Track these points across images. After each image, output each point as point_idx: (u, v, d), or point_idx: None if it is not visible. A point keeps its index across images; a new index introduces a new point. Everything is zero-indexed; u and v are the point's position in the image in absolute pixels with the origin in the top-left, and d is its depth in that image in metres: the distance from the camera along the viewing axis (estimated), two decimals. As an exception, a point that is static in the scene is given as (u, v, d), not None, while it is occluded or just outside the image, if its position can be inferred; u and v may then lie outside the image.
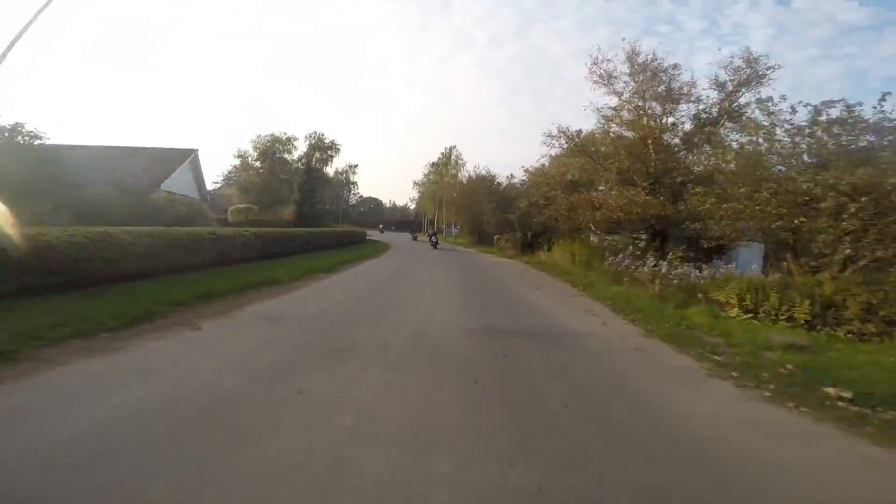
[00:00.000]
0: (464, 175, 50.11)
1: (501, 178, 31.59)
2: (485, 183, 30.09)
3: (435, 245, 30.83)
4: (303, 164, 35.26)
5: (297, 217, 29.06)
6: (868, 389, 4.17)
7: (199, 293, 6.72)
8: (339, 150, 56.36)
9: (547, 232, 22.67)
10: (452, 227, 58.68)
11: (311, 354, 4.51)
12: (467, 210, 43.13)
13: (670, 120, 16.90)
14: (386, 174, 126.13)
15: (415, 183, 67.98)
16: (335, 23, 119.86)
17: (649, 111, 16.61)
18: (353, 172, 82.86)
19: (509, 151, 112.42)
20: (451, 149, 57.79)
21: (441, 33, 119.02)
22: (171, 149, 25.92)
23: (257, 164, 51.69)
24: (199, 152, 27.27)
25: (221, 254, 11.31)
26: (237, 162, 51.88)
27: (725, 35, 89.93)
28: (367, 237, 36.19)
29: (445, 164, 57.47)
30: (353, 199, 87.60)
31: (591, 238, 21.98)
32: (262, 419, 2.89)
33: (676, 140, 16.97)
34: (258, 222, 29.65)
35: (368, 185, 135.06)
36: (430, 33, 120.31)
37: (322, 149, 55.42)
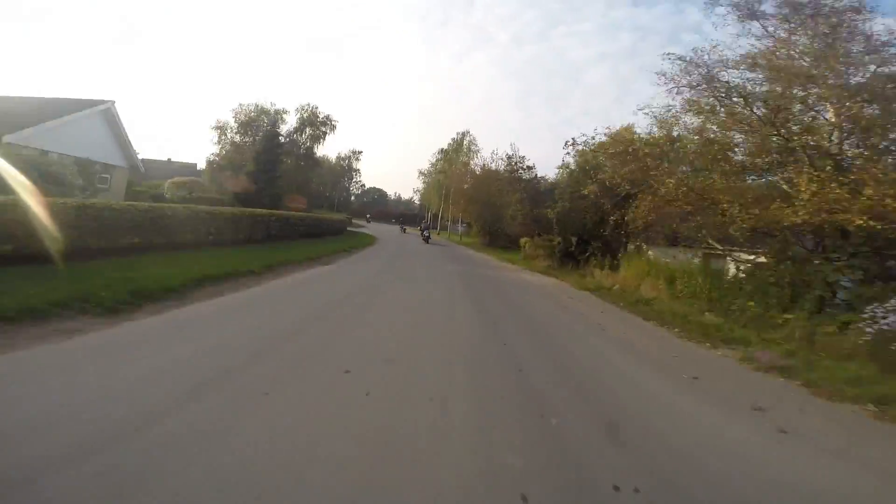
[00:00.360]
0: (477, 163, 42.15)
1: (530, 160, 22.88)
2: (510, 167, 21.79)
3: (427, 240, 28.07)
4: (268, 131, 27.18)
5: (248, 195, 21.26)
6: None
7: None
8: (334, 126, 48.37)
9: (609, 240, 14.82)
10: (459, 225, 51.00)
11: None
12: (480, 204, 35.45)
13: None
14: (394, 168, 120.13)
15: (420, 172, 60.01)
16: (350, 12, 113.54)
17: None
18: (357, 159, 77.19)
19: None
20: (463, 134, 49.53)
21: (460, 30, 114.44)
22: (63, 99, 18.32)
23: (237, 137, 43.99)
24: (115, 104, 19.49)
25: None
26: (214, 134, 43.97)
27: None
28: (357, 228, 29.20)
29: (457, 151, 49.26)
30: (355, 188, 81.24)
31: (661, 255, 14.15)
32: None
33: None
34: (207, 200, 22.12)
35: (375, 177, 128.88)
36: (450, 29, 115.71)
37: (315, 124, 47.64)
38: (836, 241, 7.61)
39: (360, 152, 79.59)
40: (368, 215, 56.51)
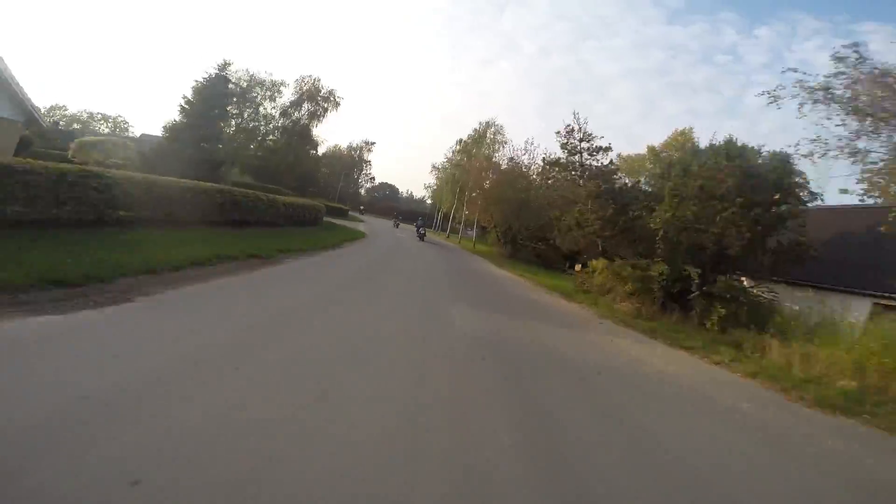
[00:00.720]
0: (505, 155, 34.62)
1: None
2: (569, 147, 13.83)
3: (422, 237, 26.63)
4: (213, 76, 19.66)
5: (161, 161, 14.09)
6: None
7: None
8: (338, 103, 41.61)
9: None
10: (470, 229, 43.80)
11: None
12: (505, 205, 27.99)
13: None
14: (409, 167, 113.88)
15: (433, 167, 52.42)
16: (376, 5, 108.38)
17: None
18: (369, 150, 70.71)
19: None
20: (487, 124, 41.84)
21: (488, 37, 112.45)
22: None
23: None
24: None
25: None
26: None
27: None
28: (340, 221, 22.50)
29: (478, 142, 41.68)
30: (365, 181, 75.13)
31: None
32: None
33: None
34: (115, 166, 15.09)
35: (388, 175, 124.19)
36: (477, 35, 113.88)
37: (315, 99, 40.69)
38: None
39: (372, 143, 74.81)
40: (362, 207, 52.48)
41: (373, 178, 79.78)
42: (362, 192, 73.84)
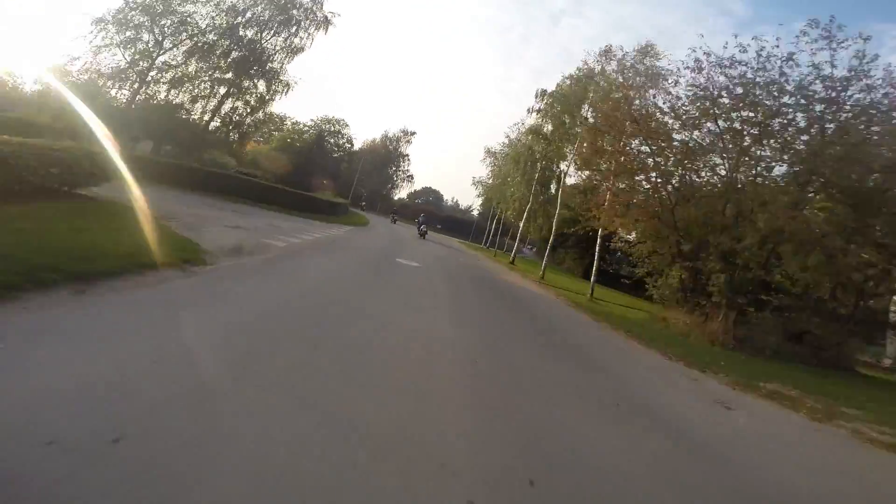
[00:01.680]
0: (663, 100, 13.61)
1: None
2: None
3: (423, 235, 22.36)
4: None
5: None
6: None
7: None
8: (329, 22, 23.98)
9: None
10: (527, 245, 27.16)
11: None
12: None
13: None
14: (459, 176, 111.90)
15: (487, 152, 33.61)
16: (432, 18, 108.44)
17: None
18: (409, 141, 59.92)
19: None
20: (606, 52, 20.00)
21: (543, 47, 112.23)
22: None
23: (147, 37, 19.78)
24: None
25: None
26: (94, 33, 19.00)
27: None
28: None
29: (584, 86, 20.84)
30: (402, 180, 62.65)
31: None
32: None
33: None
34: None
35: (441, 186, 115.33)
36: (531, 45, 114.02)
37: (286, 13, 22.96)
38: None
39: (412, 133, 60.56)
40: (364, 203, 44.57)
41: (411, 176, 64.30)
42: (404, 194, 63.19)
